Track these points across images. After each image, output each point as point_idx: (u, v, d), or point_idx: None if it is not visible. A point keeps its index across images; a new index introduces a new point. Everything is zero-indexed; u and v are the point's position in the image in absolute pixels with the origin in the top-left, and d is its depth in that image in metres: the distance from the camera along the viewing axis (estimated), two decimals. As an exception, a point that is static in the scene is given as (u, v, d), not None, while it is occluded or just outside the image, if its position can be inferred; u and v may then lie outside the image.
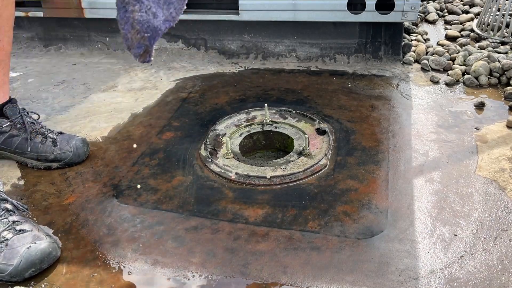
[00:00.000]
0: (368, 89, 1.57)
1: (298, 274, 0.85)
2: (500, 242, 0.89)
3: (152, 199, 1.08)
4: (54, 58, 2.08)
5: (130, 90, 1.66)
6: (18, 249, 0.87)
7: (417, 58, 1.78)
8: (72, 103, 1.61)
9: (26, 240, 0.89)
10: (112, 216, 1.04)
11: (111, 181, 1.16)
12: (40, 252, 0.88)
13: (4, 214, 0.93)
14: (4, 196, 0.97)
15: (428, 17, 2.19)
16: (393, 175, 1.11)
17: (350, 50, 1.82)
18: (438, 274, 0.83)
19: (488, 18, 1.89)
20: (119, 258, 0.92)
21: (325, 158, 1.17)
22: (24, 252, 0.87)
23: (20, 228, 0.91)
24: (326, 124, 1.32)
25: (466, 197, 1.02)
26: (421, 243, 0.90)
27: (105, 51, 2.08)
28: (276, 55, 1.89)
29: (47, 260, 0.89)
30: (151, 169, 1.20)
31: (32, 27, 2.15)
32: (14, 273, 0.86)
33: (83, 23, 2.06)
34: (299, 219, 0.98)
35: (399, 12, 1.61)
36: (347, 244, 0.91)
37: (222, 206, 1.05)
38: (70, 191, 1.13)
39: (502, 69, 1.55)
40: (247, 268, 0.87)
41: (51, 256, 0.90)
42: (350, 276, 0.84)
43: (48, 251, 0.89)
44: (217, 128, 1.35)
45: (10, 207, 0.96)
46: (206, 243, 0.94)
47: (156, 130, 1.39)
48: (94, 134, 1.39)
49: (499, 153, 1.17)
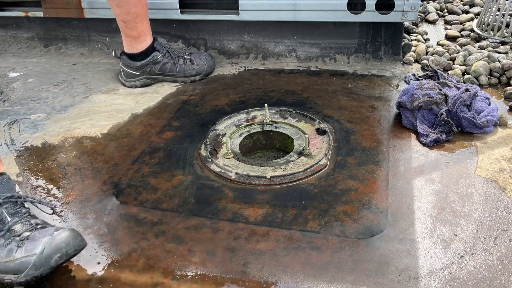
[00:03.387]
0: (368, 90, 1.57)
1: (298, 274, 0.85)
2: (500, 242, 0.89)
3: (152, 198, 1.08)
4: (54, 58, 2.08)
5: (131, 93, 1.67)
6: (40, 240, 0.81)
7: (417, 58, 1.78)
8: (72, 102, 1.61)
9: (48, 232, 0.83)
10: (112, 215, 1.03)
11: (111, 178, 1.16)
12: (64, 236, 0.82)
13: (26, 216, 0.89)
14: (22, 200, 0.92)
15: (428, 17, 2.19)
16: (393, 175, 1.11)
17: (350, 50, 1.82)
18: (438, 274, 0.83)
19: (488, 18, 1.89)
20: (119, 257, 0.92)
21: (325, 158, 1.17)
22: (47, 239, 0.81)
23: (42, 226, 0.88)
24: (326, 124, 1.32)
25: (466, 197, 1.02)
26: (421, 243, 0.90)
27: (105, 51, 2.08)
28: (276, 55, 1.89)
29: (73, 244, 0.82)
30: (151, 168, 1.20)
31: (32, 27, 2.15)
32: (39, 263, 0.79)
33: (83, 23, 2.06)
34: (299, 219, 0.98)
35: (399, 12, 1.61)
36: (347, 244, 0.91)
37: (222, 205, 1.05)
38: (70, 188, 1.13)
39: (502, 69, 1.55)
40: (247, 268, 0.87)
41: (77, 241, 0.83)
42: (350, 276, 0.84)
43: (73, 235, 0.83)
44: (217, 128, 1.35)
45: (32, 212, 0.91)
46: (206, 243, 0.94)
47: (157, 129, 1.39)
48: (94, 131, 1.39)
49: (499, 154, 1.17)
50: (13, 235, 0.85)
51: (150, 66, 1.69)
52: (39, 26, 2.14)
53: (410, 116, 1.30)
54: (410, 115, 1.30)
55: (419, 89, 1.31)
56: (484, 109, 1.28)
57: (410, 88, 1.33)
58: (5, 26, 2.18)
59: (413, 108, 1.29)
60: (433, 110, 1.28)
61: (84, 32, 2.08)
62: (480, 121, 1.24)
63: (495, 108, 1.29)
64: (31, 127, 1.45)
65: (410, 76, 1.60)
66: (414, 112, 1.30)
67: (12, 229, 0.86)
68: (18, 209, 0.90)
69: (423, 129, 1.25)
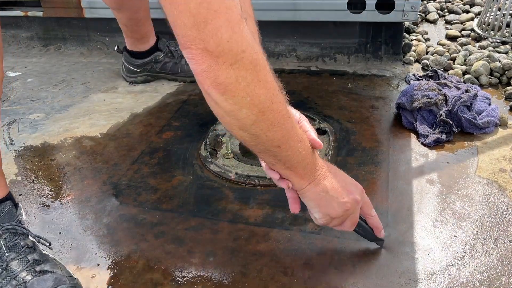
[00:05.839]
0: (368, 90, 1.56)
1: (298, 275, 0.85)
2: (500, 243, 0.89)
3: (152, 199, 1.08)
4: (53, 57, 2.07)
5: (130, 92, 1.66)
6: None
7: (418, 57, 1.78)
8: (71, 102, 1.61)
9: (46, 284, 0.79)
10: (112, 216, 1.03)
11: (111, 179, 1.16)
12: None
13: (23, 251, 0.83)
14: (25, 231, 0.87)
15: (429, 16, 2.18)
16: (393, 176, 1.11)
17: (350, 50, 1.81)
18: (438, 275, 0.83)
19: (488, 18, 1.89)
20: (118, 258, 0.91)
21: (325, 158, 1.17)
22: None
23: (41, 268, 0.82)
24: (326, 124, 1.32)
25: (466, 198, 1.02)
26: (421, 245, 0.90)
27: (105, 51, 2.08)
28: (276, 54, 1.89)
29: None
30: (150, 168, 1.20)
31: (32, 27, 2.15)
32: None
33: (83, 23, 2.05)
34: (299, 220, 0.98)
35: (399, 11, 1.60)
36: (347, 246, 0.91)
37: (222, 206, 1.04)
38: (69, 188, 1.13)
39: (502, 69, 1.54)
40: (247, 269, 0.87)
41: None
42: (350, 278, 0.84)
43: None
44: (217, 128, 1.35)
45: (31, 243, 0.86)
46: (206, 244, 0.94)
47: (156, 129, 1.38)
48: (93, 131, 1.39)
49: (499, 154, 1.17)
50: (9, 275, 0.81)
51: (151, 64, 1.70)
52: (39, 25, 2.14)
53: (409, 117, 1.30)
54: (410, 116, 1.30)
55: (418, 90, 1.30)
56: (485, 109, 1.28)
57: (409, 89, 1.33)
58: (4, 26, 2.18)
59: (412, 109, 1.29)
60: (432, 111, 1.28)
61: (84, 32, 2.08)
62: (480, 121, 1.24)
63: (495, 109, 1.29)
64: (31, 127, 1.45)
65: (411, 76, 1.60)
66: (413, 113, 1.29)
67: (9, 267, 0.81)
68: (17, 240, 0.84)
69: (423, 130, 1.24)
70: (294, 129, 0.70)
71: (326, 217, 0.77)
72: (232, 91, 0.59)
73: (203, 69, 0.57)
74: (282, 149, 0.68)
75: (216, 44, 0.55)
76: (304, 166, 0.73)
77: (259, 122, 0.63)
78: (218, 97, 0.60)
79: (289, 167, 0.72)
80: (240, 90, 0.59)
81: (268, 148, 0.68)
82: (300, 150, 0.71)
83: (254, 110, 0.61)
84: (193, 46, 0.56)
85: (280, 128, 0.65)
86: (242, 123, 0.63)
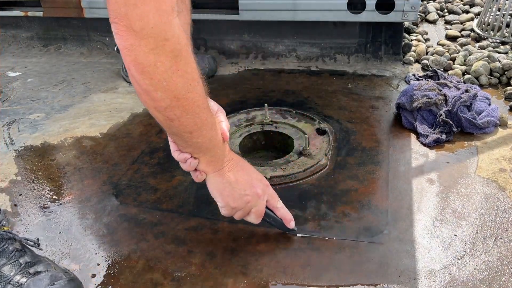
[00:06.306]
0: (368, 90, 1.57)
1: (298, 275, 0.85)
2: (500, 242, 0.89)
3: (152, 199, 1.08)
4: (53, 57, 2.08)
5: (130, 92, 1.66)
6: None
7: (418, 58, 1.78)
8: (72, 102, 1.61)
9: (42, 283, 0.78)
10: (112, 215, 1.03)
11: (111, 179, 1.16)
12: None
13: (14, 255, 0.82)
14: (11, 235, 0.86)
15: (428, 16, 2.18)
16: (393, 175, 1.11)
17: (350, 50, 1.81)
18: (438, 274, 0.83)
19: (488, 18, 1.89)
20: (118, 258, 0.91)
21: (325, 158, 1.17)
22: None
23: (34, 270, 0.81)
24: (326, 124, 1.32)
25: (466, 198, 1.02)
26: (421, 244, 0.90)
27: (105, 51, 2.08)
28: (276, 55, 1.89)
29: None
30: (150, 168, 1.20)
31: (32, 27, 2.15)
32: None
33: (83, 23, 2.05)
34: (299, 219, 0.98)
35: (399, 12, 1.61)
36: (347, 245, 0.91)
37: (222, 206, 1.04)
38: (69, 188, 1.13)
39: (502, 69, 1.55)
40: (247, 269, 0.87)
41: None
42: (350, 277, 0.84)
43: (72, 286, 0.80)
44: (217, 128, 1.34)
45: (19, 246, 0.85)
46: (206, 244, 0.94)
47: (156, 129, 1.38)
48: (93, 131, 1.39)
49: (499, 154, 1.17)
50: (3, 281, 0.79)
51: None
52: (39, 25, 2.14)
53: (409, 117, 1.30)
54: (410, 116, 1.30)
55: (418, 90, 1.30)
56: (484, 109, 1.28)
57: (409, 89, 1.33)
58: (4, 26, 2.18)
59: (412, 109, 1.29)
60: (432, 111, 1.28)
61: (84, 32, 2.08)
62: (480, 121, 1.24)
63: (495, 109, 1.29)
64: (31, 127, 1.45)
65: (410, 76, 1.60)
66: (413, 113, 1.30)
67: (1, 273, 0.80)
68: (4, 246, 0.83)
69: (423, 130, 1.25)
70: (208, 119, 0.74)
71: (227, 207, 0.84)
72: (149, 72, 0.63)
73: (125, 46, 0.61)
74: (193, 135, 0.73)
75: (141, 27, 0.59)
76: (212, 154, 0.79)
77: (173, 107, 0.67)
78: (136, 75, 0.63)
79: (198, 153, 0.78)
80: (158, 74, 0.63)
81: (180, 133, 0.73)
82: (212, 140, 0.77)
83: (169, 95, 0.66)
84: (120, 22, 0.59)
85: (193, 116, 0.70)
86: (157, 104, 0.67)
